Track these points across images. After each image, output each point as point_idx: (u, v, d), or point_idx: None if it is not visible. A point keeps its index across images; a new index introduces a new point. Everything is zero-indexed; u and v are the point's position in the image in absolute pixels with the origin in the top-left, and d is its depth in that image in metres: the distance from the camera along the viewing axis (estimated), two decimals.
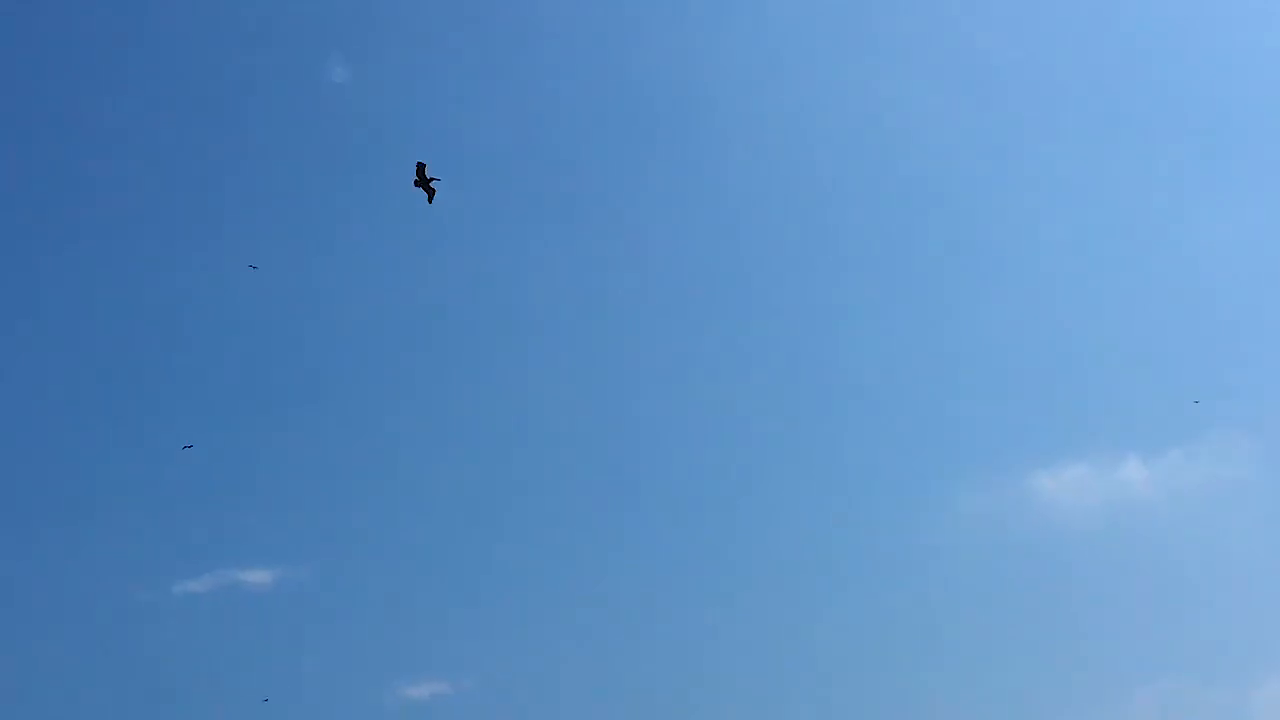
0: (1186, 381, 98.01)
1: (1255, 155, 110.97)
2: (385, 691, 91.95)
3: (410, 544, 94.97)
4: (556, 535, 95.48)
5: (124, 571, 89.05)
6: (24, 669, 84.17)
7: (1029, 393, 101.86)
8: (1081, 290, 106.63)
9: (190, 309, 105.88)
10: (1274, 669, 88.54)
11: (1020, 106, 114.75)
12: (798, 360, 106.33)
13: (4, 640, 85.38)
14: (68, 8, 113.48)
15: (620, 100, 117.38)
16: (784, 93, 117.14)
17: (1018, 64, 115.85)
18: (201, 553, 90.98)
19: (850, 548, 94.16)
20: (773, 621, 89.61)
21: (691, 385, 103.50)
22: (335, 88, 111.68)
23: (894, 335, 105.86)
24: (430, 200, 60.31)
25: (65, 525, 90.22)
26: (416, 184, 59.95)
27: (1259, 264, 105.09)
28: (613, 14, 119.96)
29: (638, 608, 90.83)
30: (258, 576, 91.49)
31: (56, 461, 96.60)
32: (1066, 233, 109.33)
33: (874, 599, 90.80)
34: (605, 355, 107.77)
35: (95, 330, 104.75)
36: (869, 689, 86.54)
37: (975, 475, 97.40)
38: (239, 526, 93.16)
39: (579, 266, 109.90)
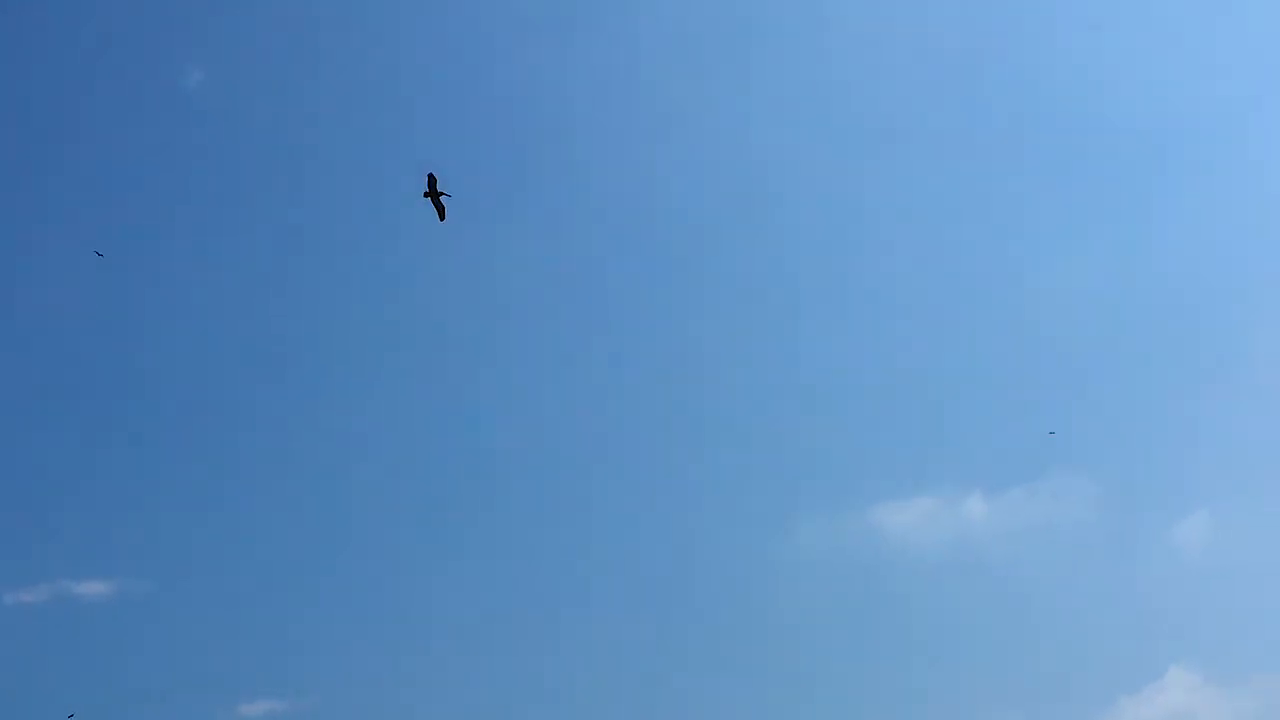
0: (1031, 421, 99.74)
1: (1109, 194, 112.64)
2: (221, 709, 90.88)
3: (251, 558, 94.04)
4: (400, 551, 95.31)
5: None
6: None
7: (875, 427, 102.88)
8: (930, 326, 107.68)
9: (25, 309, 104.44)
10: (1100, 707, 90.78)
11: (872, 135, 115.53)
12: (644, 388, 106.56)
13: None
14: None
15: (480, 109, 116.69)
16: (635, 111, 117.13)
17: (868, 91, 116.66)
18: (34, 562, 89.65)
19: (692, 576, 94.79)
20: (608, 651, 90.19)
21: (535, 405, 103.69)
22: (189, 91, 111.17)
23: (740, 365, 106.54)
24: (441, 217, 57.75)
25: None
26: (426, 195, 57.31)
27: (1105, 306, 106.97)
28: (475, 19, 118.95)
29: (479, 624, 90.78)
30: (93, 588, 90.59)
31: None
32: (916, 266, 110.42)
33: (714, 628, 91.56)
34: (448, 370, 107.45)
35: None
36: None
37: (820, 507, 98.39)
38: (74, 536, 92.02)
39: (414, 275, 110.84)
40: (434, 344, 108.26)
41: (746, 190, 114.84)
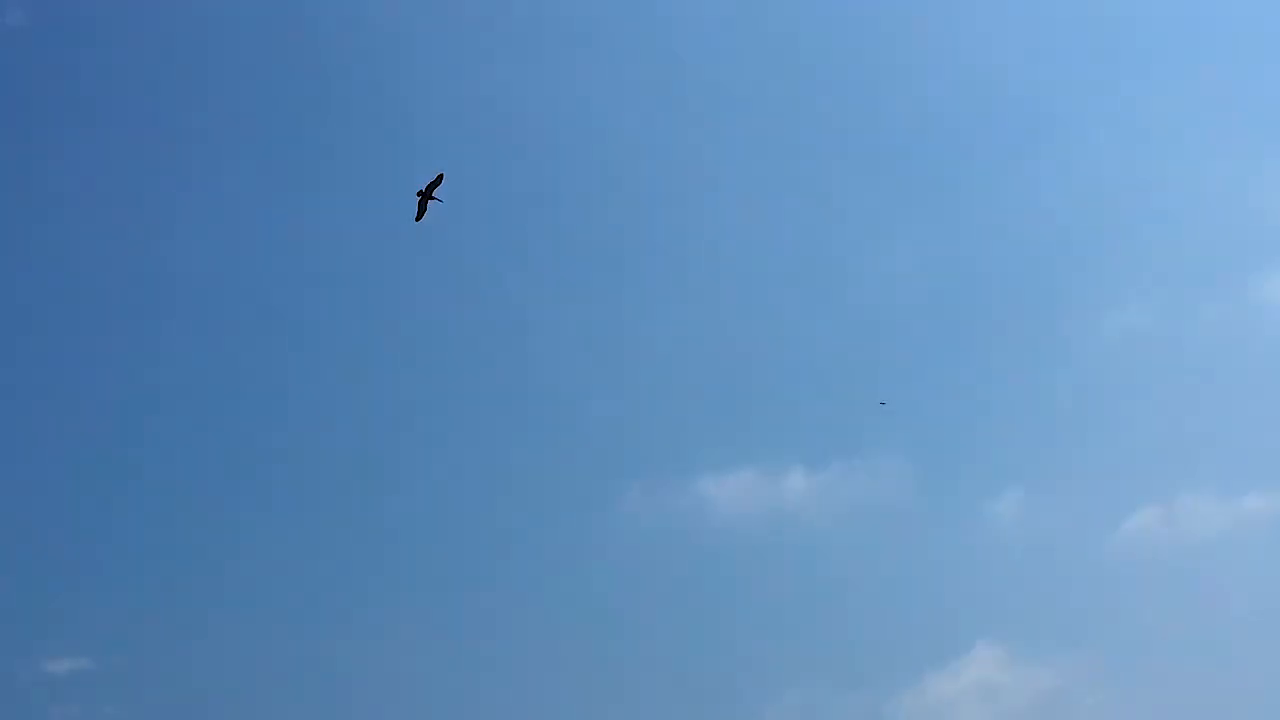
0: (851, 399, 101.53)
1: (928, 182, 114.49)
2: (23, 665, 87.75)
3: (55, 514, 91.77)
4: (199, 506, 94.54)
5: None
6: None
7: (699, 399, 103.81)
8: (754, 305, 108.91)
9: None
10: (906, 681, 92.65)
11: (701, 110, 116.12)
12: (467, 362, 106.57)
13: None
14: None
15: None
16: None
17: (704, 69, 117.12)
18: None
19: (516, 547, 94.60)
20: (434, 624, 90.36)
21: (355, 378, 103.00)
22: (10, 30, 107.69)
23: (563, 338, 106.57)
24: (418, 218, 56.49)
25: None
26: (420, 193, 56.16)
27: (923, 290, 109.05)
28: None
29: (293, 596, 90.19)
30: None
31: None
32: (742, 241, 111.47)
33: (538, 599, 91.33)
34: (255, 340, 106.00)
35: None
36: (530, 691, 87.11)
37: (643, 478, 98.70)
38: None
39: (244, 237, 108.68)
40: (243, 311, 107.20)
41: (571, 165, 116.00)
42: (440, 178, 55.87)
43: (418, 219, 56.43)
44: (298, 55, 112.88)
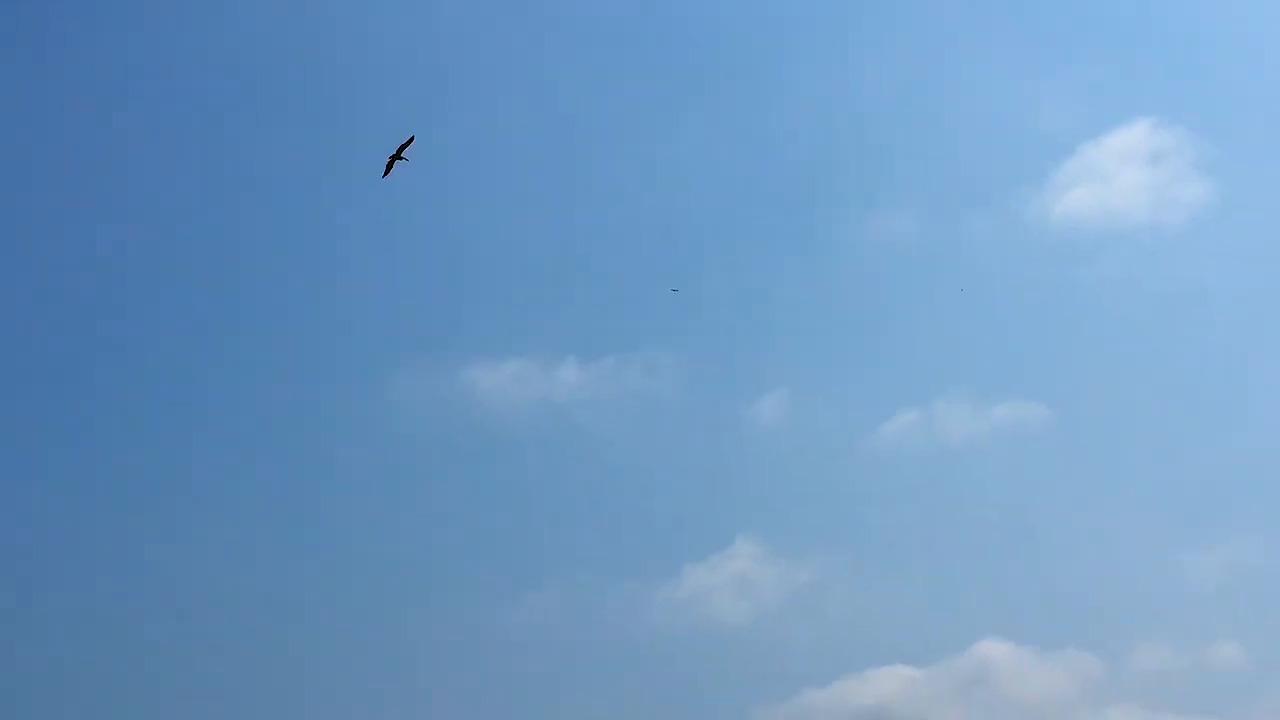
0: (626, 294, 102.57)
1: (713, 84, 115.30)
2: None
3: None
4: None
5: None
6: None
7: (474, 286, 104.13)
8: (537, 192, 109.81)
9: None
10: (666, 573, 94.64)
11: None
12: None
13: None
14: None
15: None
16: None
17: None
18: None
19: (274, 437, 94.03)
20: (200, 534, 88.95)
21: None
22: None
23: (338, 216, 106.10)
24: (385, 174, 58.18)
25: None
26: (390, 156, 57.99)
27: (698, 195, 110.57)
28: None
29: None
30: None
31: None
32: (523, 134, 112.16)
33: (298, 490, 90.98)
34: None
35: None
36: (295, 564, 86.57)
37: (411, 365, 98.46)
38: None
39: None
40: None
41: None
42: (411, 140, 57.88)
43: (384, 176, 58.40)
44: None
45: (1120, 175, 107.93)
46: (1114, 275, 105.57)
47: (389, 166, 58.04)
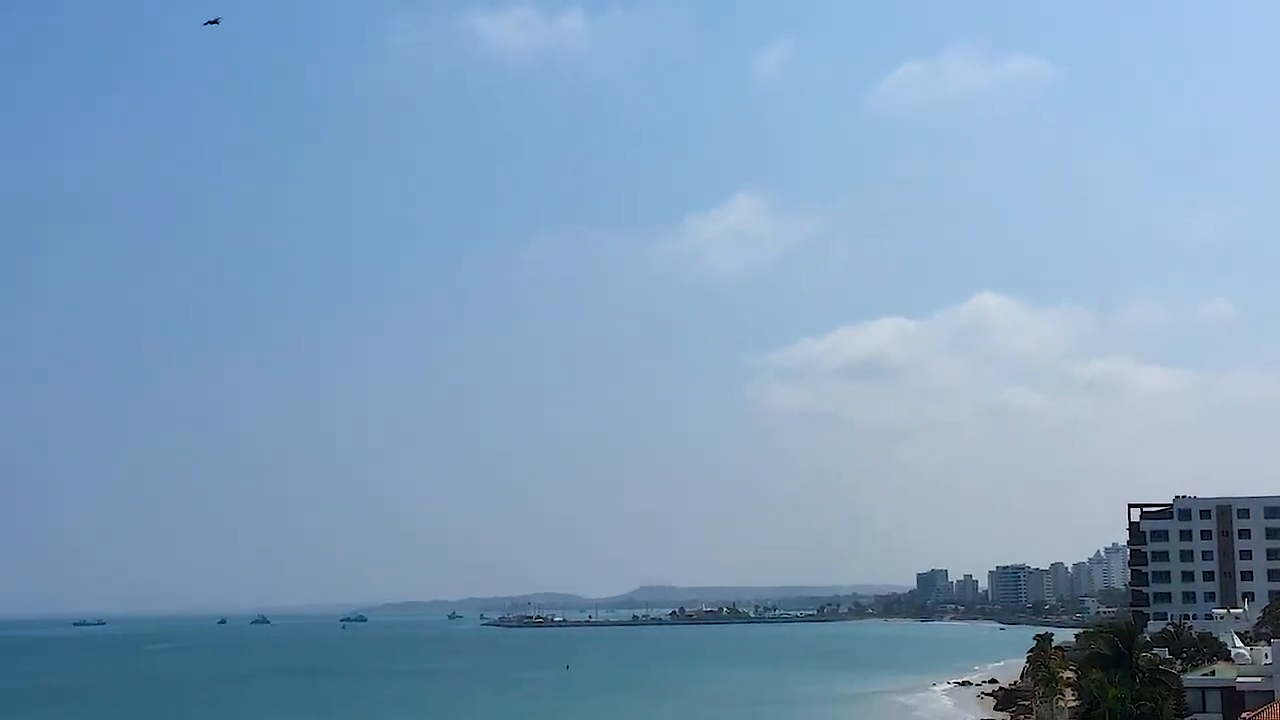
0: None
1: None
2: None
3: None
4: None
5: None
6: None
7: None
8: None
9: None
10: (667, 225, 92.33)
11: None
12: None
13: None
14: None
15: None
16: None
17: None
18: None
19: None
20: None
21: None
22: None
23: None
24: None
25: None
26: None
27: None
28: None
29: None
30: None
31: None
32: None
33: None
34: None
35: None
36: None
37: (410, 13, 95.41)
38: None
39: None
40: None
41: None
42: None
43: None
44: None
45: None
46: None
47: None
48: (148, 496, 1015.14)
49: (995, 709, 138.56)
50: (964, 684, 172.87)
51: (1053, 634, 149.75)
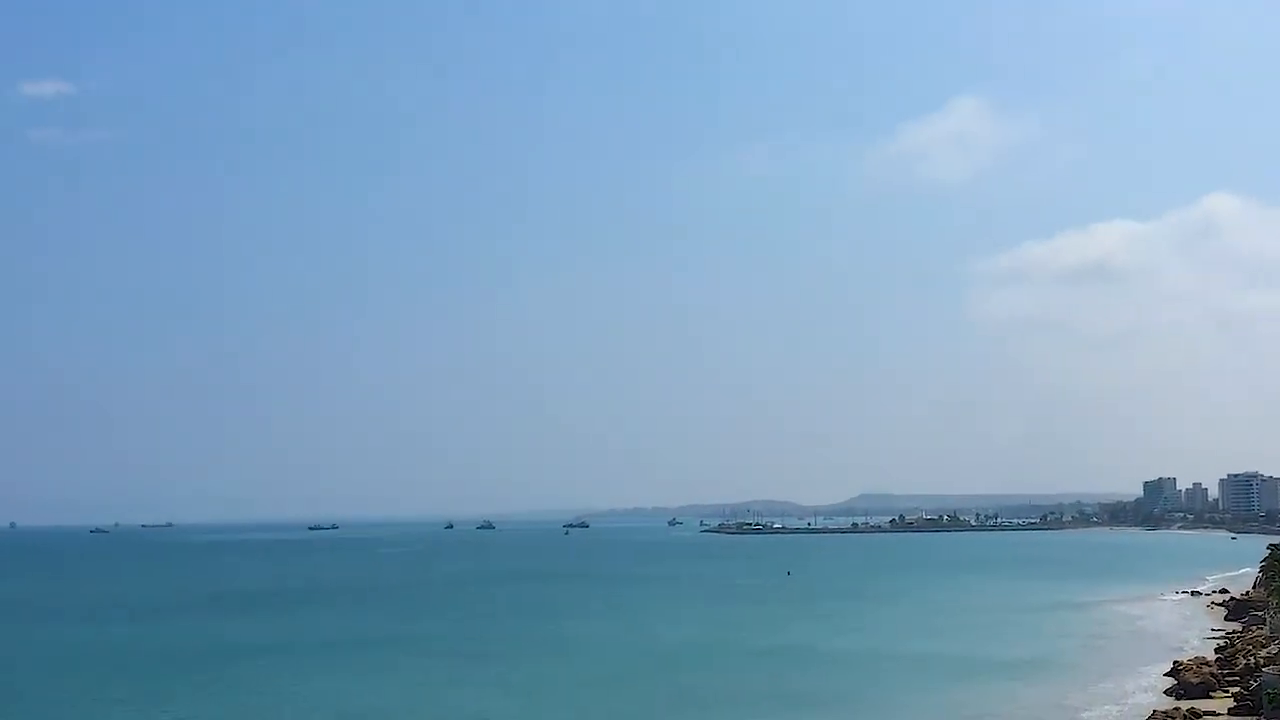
0: None
1: None
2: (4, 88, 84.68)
3: None
4: None
5: None
6: None
7: None
8: None
9: None
10: (880, 130, 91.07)
11: None
12: None
13: None
14: None
15: None
16: None
17: None
18: None
19: None
20: None
21: None
22: None
23: None
24: None
25: None
26: None
27: None
28: None
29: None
30: None
31: None
32: None
33: None
34: None
35: None
36: None
37: None
38: None
39: None
40: None
41: None
42: None
43: None
44: None
45: None
46: None
47: None
48: (378, 406, 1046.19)
49: (1226, 619, 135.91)
50: (1194, 594, 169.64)
51: None
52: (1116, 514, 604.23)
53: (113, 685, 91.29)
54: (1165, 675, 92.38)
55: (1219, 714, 78.42)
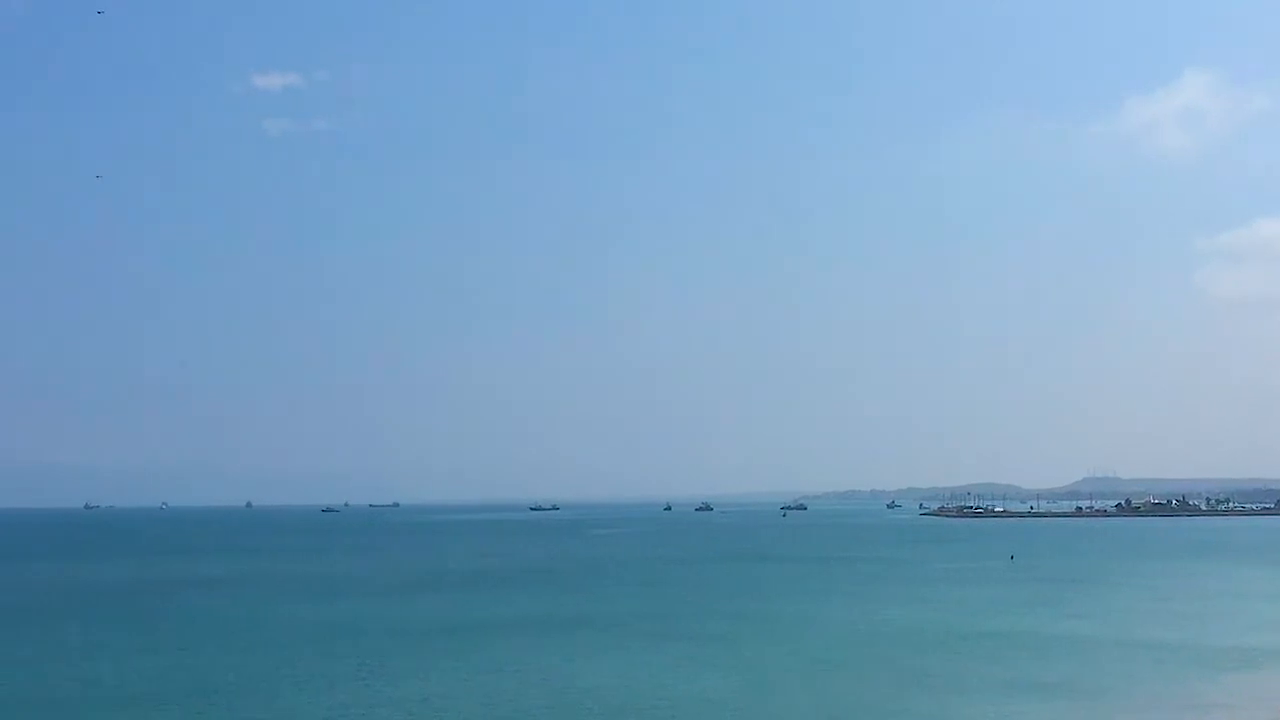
0: None
1: None
2: (234, 80, 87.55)
3: None
4: None
5: None
6: None
7: None
8: None
9: None
10: (1102, 107, 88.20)
11: None
12: None
13: None
14: None
15: None
16: None
17: None
18: None
19: None
20: None
21: None
22: None
23: None
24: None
25: None
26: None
27: None
28: None
29: None
30: None
31: None
32: None
33: None
34: None
35: None
36: None
37: None
38: None
39: None
40: None
41: None
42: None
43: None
44: None
45: None
46: None
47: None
48: (597, 391, 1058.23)
49: None
50: None
51: None
52: None
53: (341, 660, 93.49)
54: None
55: None
